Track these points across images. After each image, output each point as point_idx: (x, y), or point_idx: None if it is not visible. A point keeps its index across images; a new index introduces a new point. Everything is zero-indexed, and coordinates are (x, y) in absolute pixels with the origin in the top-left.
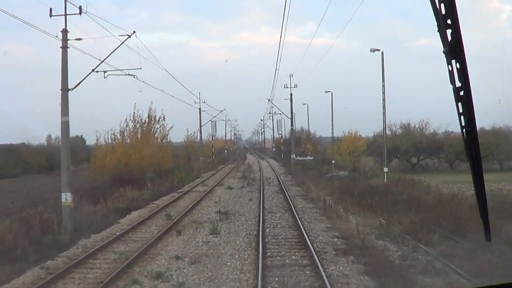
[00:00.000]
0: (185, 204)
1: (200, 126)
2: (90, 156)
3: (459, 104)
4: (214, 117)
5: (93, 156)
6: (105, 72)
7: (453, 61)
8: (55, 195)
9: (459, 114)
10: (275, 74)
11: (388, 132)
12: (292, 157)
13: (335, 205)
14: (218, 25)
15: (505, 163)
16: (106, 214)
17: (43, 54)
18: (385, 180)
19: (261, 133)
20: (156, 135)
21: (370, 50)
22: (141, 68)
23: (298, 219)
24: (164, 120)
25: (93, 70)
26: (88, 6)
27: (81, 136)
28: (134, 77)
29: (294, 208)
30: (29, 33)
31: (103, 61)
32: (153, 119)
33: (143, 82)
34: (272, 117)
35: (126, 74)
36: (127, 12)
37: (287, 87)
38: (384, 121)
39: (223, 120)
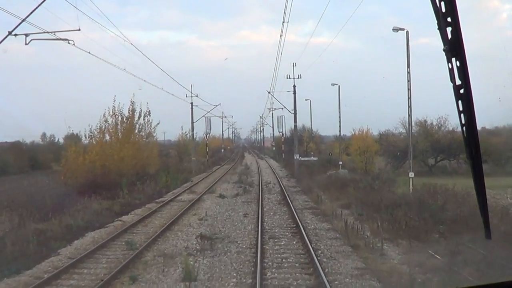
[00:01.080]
0: (160, 221)
1: (192, 122)
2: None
3: (459, 102)
4: (208, 112)
5: (64, 157)
6: (26, 35)
7: (453, 59)
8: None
9: (459, 112)
10: (276, 63)
11: (401, 129)
12: (295, 157)
13: (359, 226)
14: (218, 23)
15: None
16: (49, 237)
17: (42, 52)
18: (411, 187)
19: (260, 131)
20: (141, 132)
21: (393, 29)
22: (79, 30)
23: (312, 252)
24: (150, 115)
25: (10, 32)
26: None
27: (77, 134)
28: (70, 43)
29: (305, 231)
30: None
31: (24, 20)
32: (137, 114)
33: (89, 52)
34: (272, 114)
35: (56, 39)
36: (127, 10)
37: (289, 78)
38: (410, 115)
39: (219, 117)
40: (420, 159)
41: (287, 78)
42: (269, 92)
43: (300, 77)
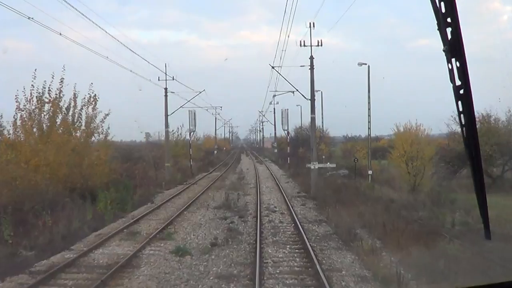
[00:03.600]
0: None
1: (166, 115)
2: None
3: (459, 102)
4: (188, 101)
5: None
6: None
7: (453, 60)
8: None
9: (459, 113)
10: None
11: (455, 126)
12: (312, 166)
13: None
14: (218, 23)
15: None
16: None
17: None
18: None
19: (259, 131)
20: (89, 128)
21: None
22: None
23: None
24: (95, 103)
25: None
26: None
27: None
28: None
29: None
30: (28, 29)
31: None
32: (82, 101)
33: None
34: (274, 109)
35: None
36: (127, 9)
37: (304, 45)
38: None
39: (203, 107)
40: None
41: (300, 45)
42: (273, 67)
43: (321, 45)
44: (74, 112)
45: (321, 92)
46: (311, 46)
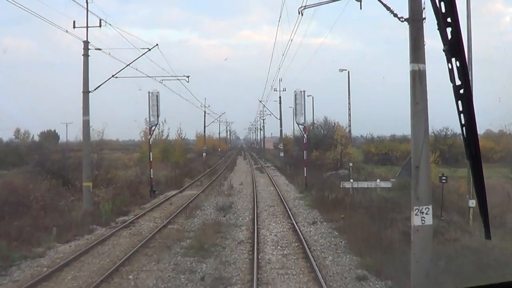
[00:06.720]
0: None
1: (86, 91)
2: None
3: (459, 102)
4: (128, 65)
5: None
6: None
7: (453, 59)
8: None
9: (459, 113)
10: None
11: None
12: (417, 221)
13: None
14: (218, 22)
15: None
16: None
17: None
18: None
19: (260, 129)
20: None
21: None
22: None
23: None
24: None
25: None
26: None
27: (54, 130)
28: None
29: None
30: (28, 27)
31: None
32: None
33: None
34: (280, 89)
35: None
36: (128, 7)
37: None
38: None
39: (159, 81)
40: None
41: None
42: None
43: None
44: None
45: (348, 71)
46: None
